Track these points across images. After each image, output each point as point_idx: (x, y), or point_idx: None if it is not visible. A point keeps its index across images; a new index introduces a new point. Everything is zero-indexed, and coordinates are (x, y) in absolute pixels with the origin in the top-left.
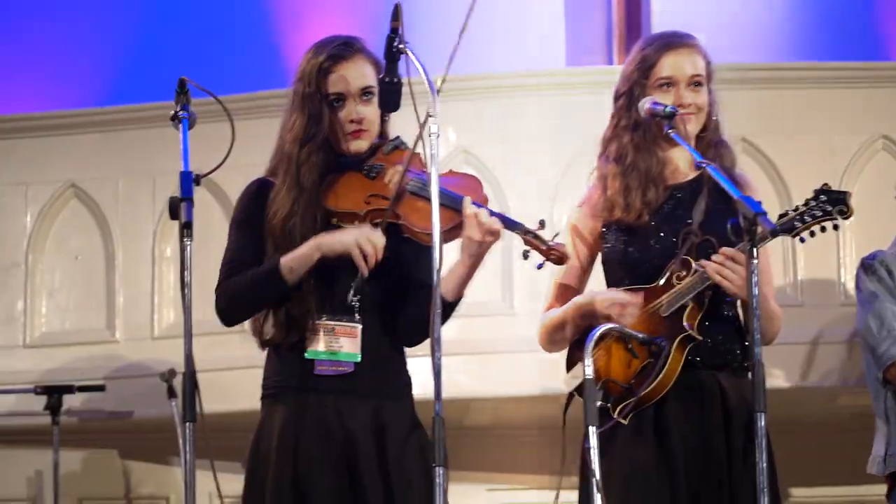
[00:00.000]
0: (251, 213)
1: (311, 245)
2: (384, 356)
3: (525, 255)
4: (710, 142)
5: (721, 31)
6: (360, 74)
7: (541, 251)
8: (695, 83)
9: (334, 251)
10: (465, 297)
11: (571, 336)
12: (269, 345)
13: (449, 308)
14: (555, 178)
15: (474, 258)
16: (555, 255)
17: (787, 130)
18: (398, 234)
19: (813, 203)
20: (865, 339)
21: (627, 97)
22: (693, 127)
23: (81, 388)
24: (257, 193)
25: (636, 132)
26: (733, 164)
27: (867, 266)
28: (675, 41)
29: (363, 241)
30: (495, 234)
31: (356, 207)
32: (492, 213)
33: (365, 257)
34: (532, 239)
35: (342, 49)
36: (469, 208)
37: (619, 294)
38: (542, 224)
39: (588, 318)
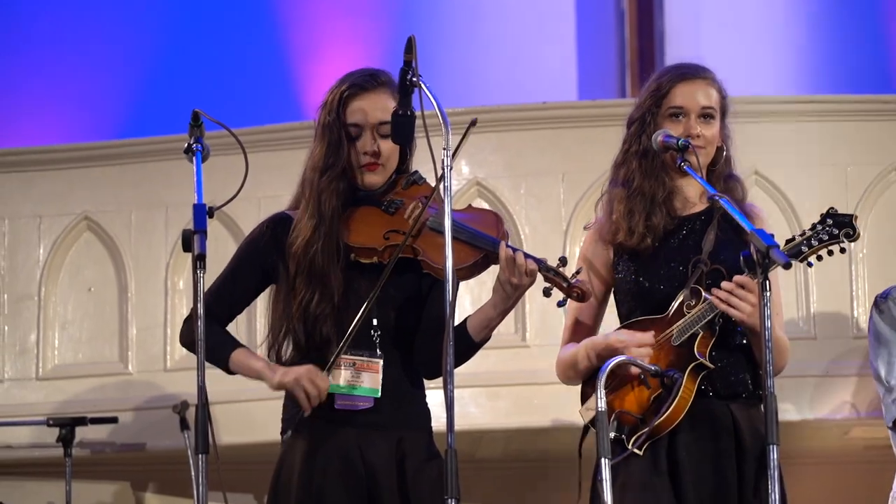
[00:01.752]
0: (259, 246)
1: (261, 370)
2: (404, 389)
3: (547, 293)
4: (720, 175)
5: (735, 65)
6: (380, 108)
7: (562, 289)
8: (706, 115)
9: (280, 386)
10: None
11: (585, 373)
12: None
13: (473, 349)
14: (568, 212)
15: (507, 300)
16: (577, 293)
17: (800, 163)
18: (418, 270)
19: (819, 227)
20: (875, 382)
21: (639, 124)
22: (702, 159)
23: (94, 420)
24: (270, 228)
25: (644, 159)
26: (744, 197)
27: (878, 304)
28: (689, 72)
29: (306, 383)
30: (532, 276)
31: (374, 243)
32: (526, 256)
33: (309, 398)
34: (554, 276)
35: (366, 80)
36: (505, 251)
37: (633, 335)
38: (562, 261)
39: (602, 359)
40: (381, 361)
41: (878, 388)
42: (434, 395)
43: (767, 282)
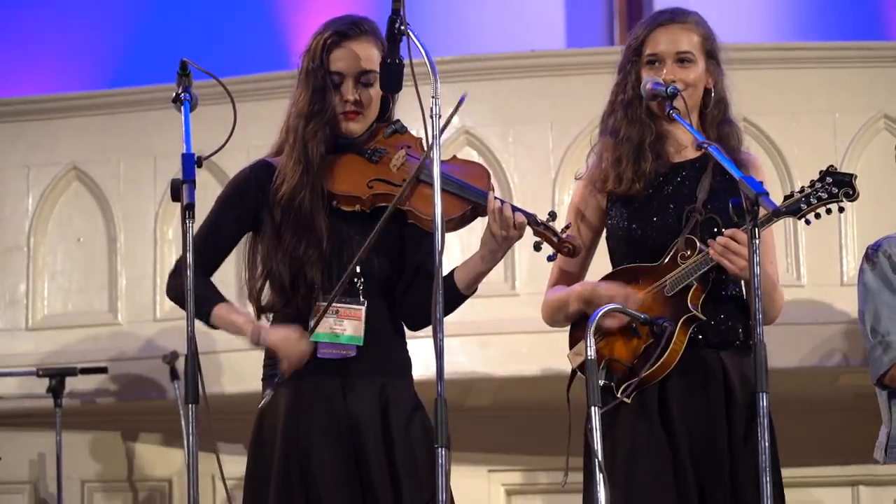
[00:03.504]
0: (239, 193)
1: (242, 325)
2: (386, 336)
3: (537, 248)
4: (713, 120)
5: (723, 11)
6: (362, 56)
7: (552, 244)
8: (682, 59)
9: (262, 343)
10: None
11: (572, 317)
12: (267, 311)
13: (459, 300)
14: (556, 160)
15: (495, 253)
16: (567, 248)
17: (788, 110)
18: (402, 219)
19: (818, 185)
20: (862, 333)
21: (623, 74)
22: (688, 103)
23: (84, 370)
24: (254, 175)
25: (630, 107)
26: (740, 142)
27: (868, 256)
28: (665, 18)
29: (289, 346)
30: (520, 229)
31: (358, 191)
32: (514, 209)
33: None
34: (544, 231)
35: (349, 28)
36: (493, 203)
37: (621, 287)
38: (552, 216)
39: (590, 307)
40: (363, 308)
41: (866, 342)
42: (423, 344)
43: (757, 229)
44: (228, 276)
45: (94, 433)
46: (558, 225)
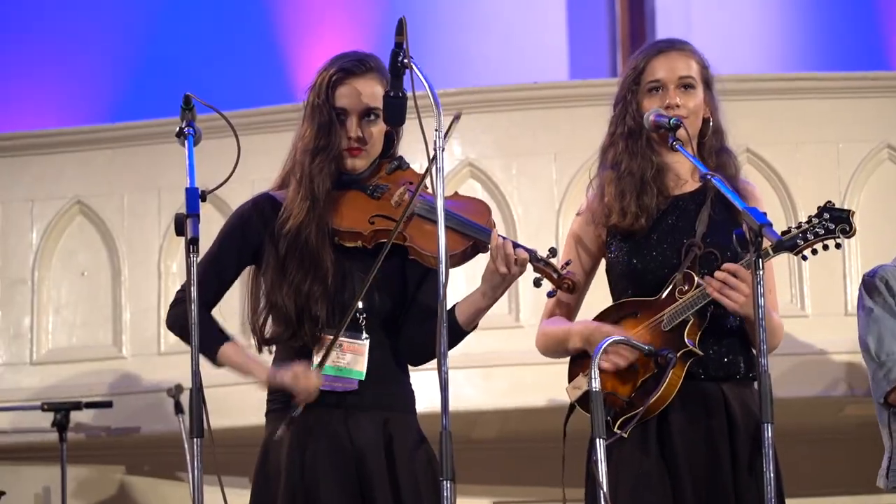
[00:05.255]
0: (241, 227)
1: (253, 366)
2: (388, 371)
3: (537, 283)
4: (711, 149)
5: (727, 42)
6: (366, 93)
7: (552, 280)
8: (685, 85)
9: (273, 383)
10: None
11: (572, 353)
12: (270, 343)
13: (461, 336)
14: (560, 191)
15: (496, 289)
16: (567, 284)
17: (792, 141)
18: (404, 254)
19: (816, 220)
20: (865, 359)
21: (623, 105)
22: (689, 130)
23: (89, 404)
24: (257, 209)
25: (631, 139)
26: (737, 171)
27: (867, 282)
28: (664, 46)
29: (301, 380)
30: (522, 266)
31: (360, 227)
32: (516, 245)
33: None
34: (544, 267)
35: (354, 65)
36: (497, 240)
37: (620, 330)
38: (552, 252)
39: (591, 346)
40: (366, 343)
41: (868, 365)
42: (428, 377)
43: (760, 260)
44: (232, 308)
45: (98, 467)
46: (558, 261)
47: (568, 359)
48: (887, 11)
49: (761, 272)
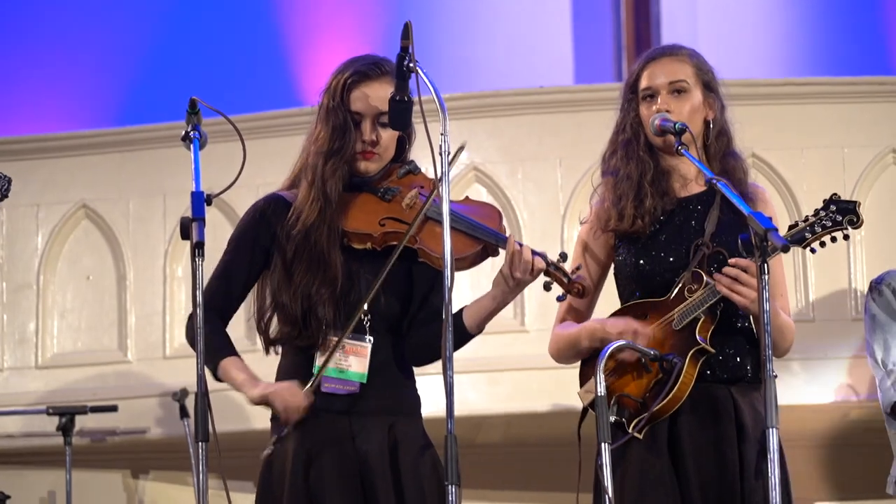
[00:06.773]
0: (254, 231)
1: (242, 383)
2: (392, 374)
3: (547, 287)
4: (717, 152)
5: (732, 48)
6: (381, 97)
7: (563, 285)
8: (675, 90)
9: (259, 400)
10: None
11: (584, 355)
12: (276, 344)
13: (467, 339)
14: (566, 196)
15: (507, 294)
16: (577, 289)
17: (797, 146)
18: (412, 257)
19: (822, 213)
20: (871, 366)
21: (622, 113)
22: (691, 140)
23: (94, 408)
24: (267, 210)
25: (629, 146)
26: (746, 174)
27: (873, 289)
28: (656, 53)
29: (287, 399)
30: (537, 273)
31: (370, 229)
32: (533, 252)
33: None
34: (555, 272)
35: (369, 68)
36: (513, 246)
37: (630, 322)
38: (563, 257)
39: (600, 343)
40: (369, 345)
41: (875, 372)
42: (433, 381)
43: (766, 265)
44: (238, 311)
45: (103, 471)
46: (568, 265)
47: (578, 363)
48: (893, 16)
49: (767, 276)
